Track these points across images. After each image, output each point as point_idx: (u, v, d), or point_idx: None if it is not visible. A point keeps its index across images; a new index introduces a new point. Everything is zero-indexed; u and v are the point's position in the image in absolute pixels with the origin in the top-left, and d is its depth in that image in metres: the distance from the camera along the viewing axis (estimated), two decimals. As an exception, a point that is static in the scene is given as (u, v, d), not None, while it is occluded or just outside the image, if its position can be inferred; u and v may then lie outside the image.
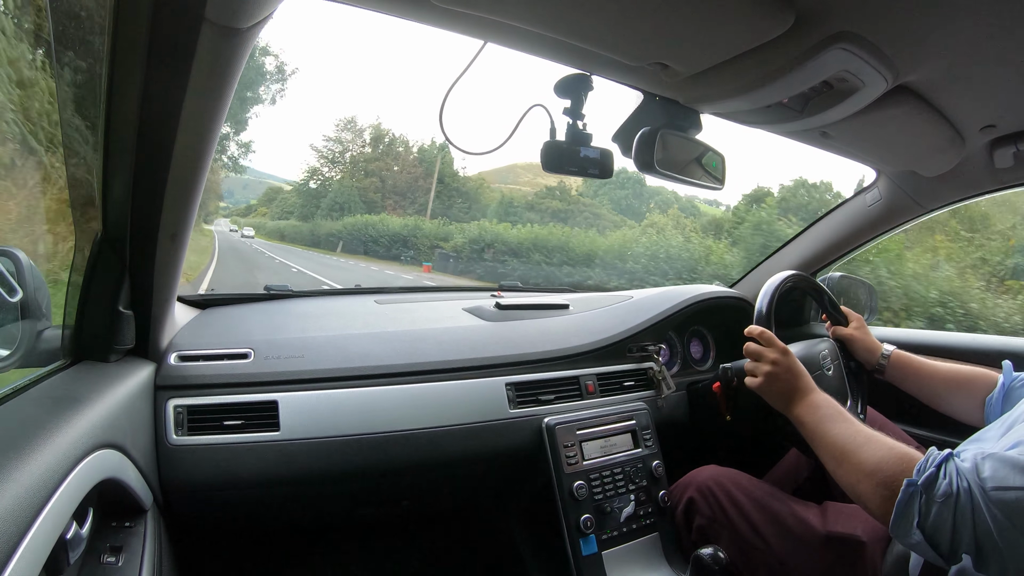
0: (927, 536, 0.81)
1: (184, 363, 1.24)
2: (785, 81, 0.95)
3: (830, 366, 1.44)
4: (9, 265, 1.00)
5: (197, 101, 0.83)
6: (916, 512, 0.83)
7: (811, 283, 1.55)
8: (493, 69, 72.79)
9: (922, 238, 6.74)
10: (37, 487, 0.63)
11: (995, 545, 0.77)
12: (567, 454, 1.41)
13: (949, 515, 0.80)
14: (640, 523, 1.44)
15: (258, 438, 1.20)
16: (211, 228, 37.70)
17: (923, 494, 0.83)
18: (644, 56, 0.94)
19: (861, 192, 1.81)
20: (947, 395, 1.29)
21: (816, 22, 0.83)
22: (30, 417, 0.78)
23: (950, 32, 0.86)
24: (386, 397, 1.32)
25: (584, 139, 1.14)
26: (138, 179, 0.91)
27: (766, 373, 1.20)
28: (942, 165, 1.41)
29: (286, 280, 2.14)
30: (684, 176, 1.21)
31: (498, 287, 2.13)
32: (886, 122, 1.16)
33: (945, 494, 0.81)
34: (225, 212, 65.35)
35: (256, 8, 0.74)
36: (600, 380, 1.60)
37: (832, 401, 1.12)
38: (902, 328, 1.96)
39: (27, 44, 1.73)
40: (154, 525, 1.04)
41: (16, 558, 0.56)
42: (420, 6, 0.81)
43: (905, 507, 0.84)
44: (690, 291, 1.90)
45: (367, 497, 1.42)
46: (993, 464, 0.80)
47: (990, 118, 1.20)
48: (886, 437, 0.98)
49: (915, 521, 0.83)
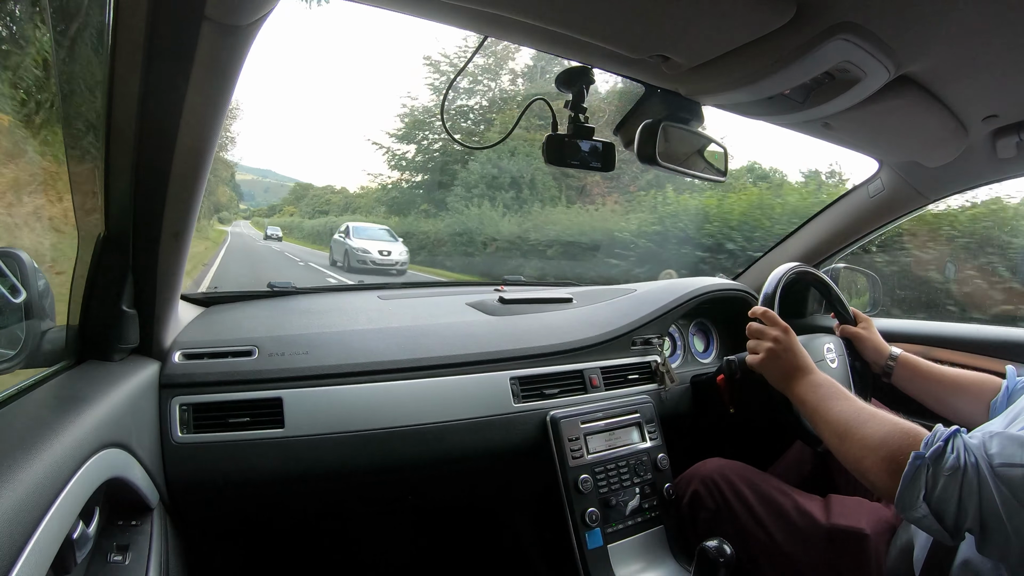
0: (933, 510, 0.81)
1: (188, 361, 1.24)
2: (787, 72, 0.94)
3: (835, 359, 1.44)
4: (12, 266, 1.01)
5: (198, 98, 0.83)
6: (923, 485, 0.83)
7: (818, 277, 1.55)
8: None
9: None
10: (43, 487, 0.64)
11: (999, 522, 0.77)
12: (572, 447, 1.42)
13: (956, 488, 0.80)
14: (645, 516, 1.45)
15: (263, 435, 1.20)
16: (226, 228, 34.50)
17: (930, 467, 0.83)
18: (645, 49, 0.94)
19: (864, 183, 1.81)
20: (952, 399, 1.29)
21: (817, 13, 0.82)
22: (35, 417, 0.78)
23: (952, 22, 0.86)
24: (390, 393, 1.32)
25: (586, 132, 1.14)
26: (140, 177, 0.91)
27: (767, 350, 1.21)
28: (945, 155, 1.40)
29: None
30: (686, 168, 1.21)
31: (501, 281, 2.13)
32: (888, 113, 1.15)
33: (952, 467, 0.81)
34: (246, 214, 64.17)
35: (256, 5, 0.73)
36: (604, 373, 1.60)
37: (833, 381, 1.13)
38: (905, 320, 1.95)
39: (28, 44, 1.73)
40: (160, 523, 1.04)
41: (23, 558, 0.56)
42: (421, 0, 0.80)
43: (912, 480, 0.84)
44: (693, 283, 1.90)
45: (372, 493, 1.42)
46: (1001, 441, 0.81)
47: (993, 108, 1.20)
48: (889, 414, 0.98)
49: (921, 494, 0.83)
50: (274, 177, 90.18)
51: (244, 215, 60.05)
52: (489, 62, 22.63)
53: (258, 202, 76.78)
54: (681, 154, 1.20)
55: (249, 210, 67.66)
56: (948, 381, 1.32)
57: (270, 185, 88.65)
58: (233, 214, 54.98)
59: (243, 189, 59.52)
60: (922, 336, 1.73)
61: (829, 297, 1.58)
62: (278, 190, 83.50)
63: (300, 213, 51.08)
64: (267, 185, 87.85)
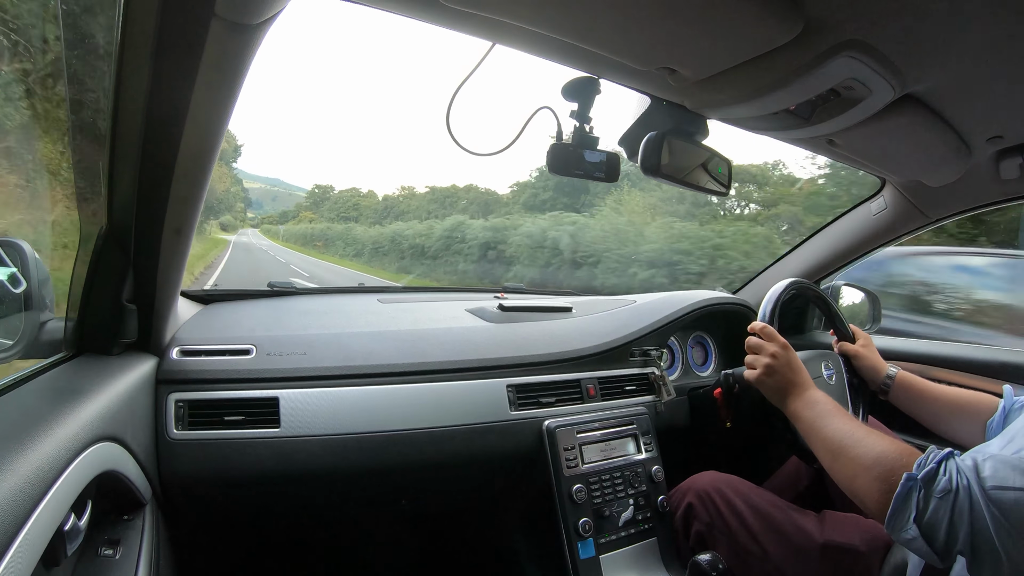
0: (923, 532, 0.81)
1: (186, 358, 1.24)
2: (792, 88, 0.94)
3: (833, 376, 1.44)
4: (13, 256, 1.01)
5: (205, 97, 0.83)
6: (914, 507, 0.83)
7: (817, 293, 1.55)
8: (500, 70, 73.00)
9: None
10: (36, 478, 0.64)
11: (991, 546, 0.76)
12: (567, 457, 1.41)
13: (947, 511, 0.80)
14: (638, 528, 1.44)
15: (258, 434, 1.20)
16: (228, 238, 31.01)
17: (922, 489, 0.83)
18: (652, 61, 0.94)
19: (866, 200, 1.81)
20: (949, 419, 1.29)
21: (824, 30, 0.82)
22: (31, 408, 0.78)
23: (958, 42, 0.86)
24: (387, 396, 1.32)
25: (591, 142, 1.14)
26: (144, 173, 0.91)
27: (765, 365, 1.20)
28: (948, 175, 1.40)
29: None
30: (690, 181, 1.21)
31: (501, 288, 2.12)
32: (892, 131, 1.16)
33: (944, 490, 0.81)
34: (253, 222, 62.21)
35: (266, 4, 0.74)
36: (601, 384, 1.59)
37: (829, 398, 1.12)
38: (903, 339, 1.95)
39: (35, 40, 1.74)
40: (152, 519, 1.04)
41: (14, 549, 0.56)
42: (429, 6, 0.81)
43: (903, 501, 0.84)
44: (693, 296, 1.90)
45: (366, 495, 1.42)
46: (994, 464, 0.80)
47: (997, 129, 1.20)
48: (884, 434, 0.98)
49: (912, 516, 0.82)
50: (282, 186, 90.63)
51: (252, 223, 58.18)
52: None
53: (266, 210, 76.28)
54: (685, 167, 1.20)
55: (257, 217, 66.23)
56: (945, 400, 1.31)
57: (278, 194, 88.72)
58: (240, 221, 52.87)
59: (251, 197, 58.75)
60: (920, 355, 1.72)
61: (828, 314, 1.58)
62: (286, 199, 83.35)
63: (323, 219, 47.30)
64: (275, 194, 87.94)
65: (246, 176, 51.52)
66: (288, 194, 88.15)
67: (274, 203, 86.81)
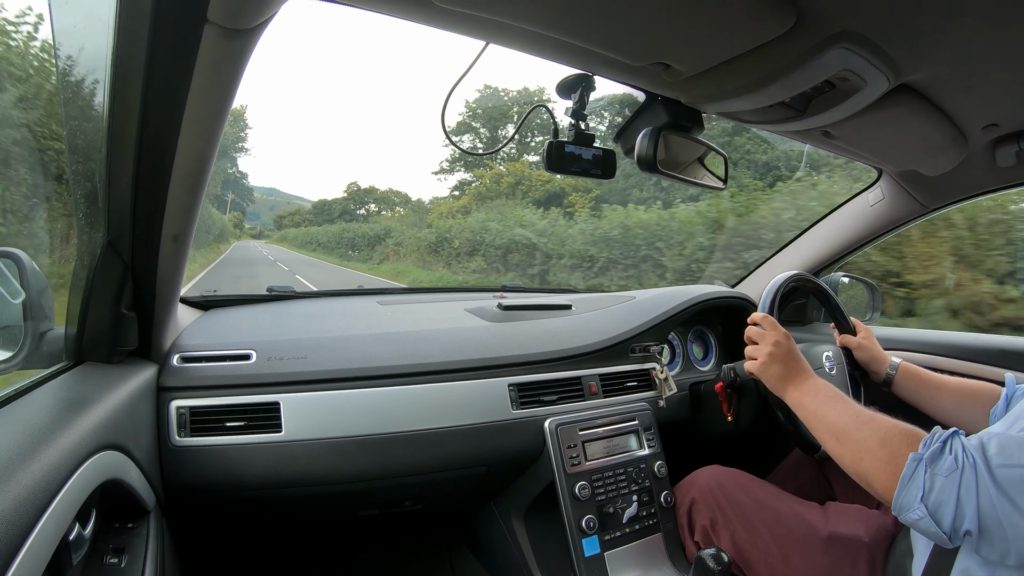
0: (930, 511, 0.81)
1: (186, 364, 1.24)
2: (787, 81, 0.94)
3: (833, 367, 1.44)
4: (12, 267, 1.01)
5: (199, 102, 0.83)
6: (921, 486, 0.83)
7: (817, 285, 1.55)
8: (500, 70, 72.63)
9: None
10: (40, 488, 0.63)
11: (998, 523, 0.77)
12: (570, 455, 1.41)
13: (953, 490, 0.80)
14: (643, 524, 1.44)
15: (260, 439, 1.20)
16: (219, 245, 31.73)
17: (928, 468, 0.83)
18: (646, 56, 0.94)
19: (863, 192, 1.81)
20: (953, 408, 1.29)
21: (818, 21, 0.82)
22: (33, 419, 0.78)
23: (952, 31, 0.86)
24: (388, 398, 1.32)
25: (587, 139, 1.14)
26: (141, 180, 0.91)
27: (766, 355, 1.21)
28: (944, 164, 1.41)
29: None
30: (686, 176, 1.21)
31: (501, 288, 2.12)
32: (888, 121, 1.16)
33: (950, 468, 0.81)
34: (252, 233, 61.90)
35: (258, 9, 0.74)
36: (603, 380, 1.59)
37: (831, 385, 1.13)
38: (903, 328, 1.95)
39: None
40: (157, 526, 1.04)
41: (19, 559, 0.56)
42: (422, 7, 0.80)
43: (910, 481, 0.84)
44: (692, 291, 1.90)
45: (369, 498, 1.42)
46: (1000, 442, 0.81)
47: (992, 117, 1.20)
48: (888, 417, 0.98)
49: (919, 495, 0.83)
50: (279, 195, 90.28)
51: (250, 234, 58.15)
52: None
53: (264, 221, 76.03)
54: (681, 162, 1.20)
55: (255, 228, 66.22)
56: (948, 390, 1.32)
57: (276, 203, 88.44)
58: (239, 230, 52.50)
59: (248, 208, 58.54)
60: (921, 344, 1.73)
61: (828, 306, 1.58)
62: (284, 208, 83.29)
63: (312, 224, 48.09)
64: (273, 203, 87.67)
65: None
66: (286, 203, 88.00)
67: (271, 212, 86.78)
